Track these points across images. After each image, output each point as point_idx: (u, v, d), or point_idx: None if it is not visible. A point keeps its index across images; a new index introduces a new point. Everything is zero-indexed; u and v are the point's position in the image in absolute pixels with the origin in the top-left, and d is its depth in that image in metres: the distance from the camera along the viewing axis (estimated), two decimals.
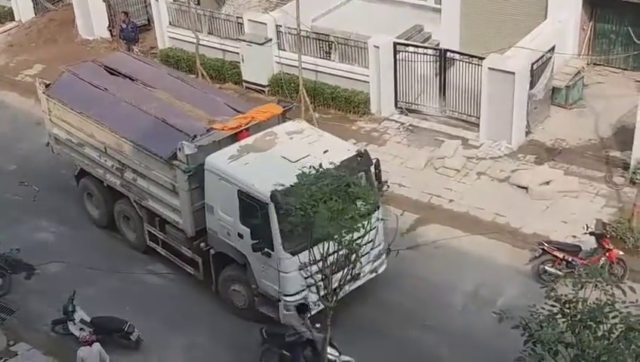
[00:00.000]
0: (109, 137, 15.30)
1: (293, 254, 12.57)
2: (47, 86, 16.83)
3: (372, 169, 13.74)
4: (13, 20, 26.96)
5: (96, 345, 12.58)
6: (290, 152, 13.40)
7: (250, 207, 12.98)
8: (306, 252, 12.03)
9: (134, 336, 13.50)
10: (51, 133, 17.04)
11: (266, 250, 12.90)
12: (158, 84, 16.10)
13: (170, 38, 23.29)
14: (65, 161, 17.51)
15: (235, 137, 14.12)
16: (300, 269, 12.47)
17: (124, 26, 22.99)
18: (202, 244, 14.17)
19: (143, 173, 14.84)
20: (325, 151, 13.35)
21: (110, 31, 24.53)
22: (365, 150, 14.07)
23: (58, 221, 17.10)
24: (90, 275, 15.31)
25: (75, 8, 24.96)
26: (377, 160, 14.14)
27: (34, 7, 27.02)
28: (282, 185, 12.22)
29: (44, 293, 15.01)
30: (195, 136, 13.93)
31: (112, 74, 16.52)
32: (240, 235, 13.33)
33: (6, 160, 19.49)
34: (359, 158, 13.48)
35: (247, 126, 14.33)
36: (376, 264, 13.61)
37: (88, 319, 13.66)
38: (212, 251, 14.15)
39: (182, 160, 13.74)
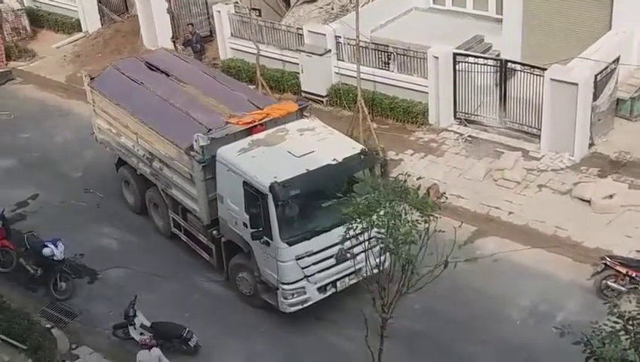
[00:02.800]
0: (140, 128, 16.23)
1: (290, 244, 13.33)
2: (92, 79, 17.97)
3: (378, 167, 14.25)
4: (81, 31, 27.73)
5: (156, 350, 12.80)
6: (297, 148, 14.10)
7: (252, 197, 13.61)
8: (305, 243, 13.25)
9: (193, 342, 13.70)
10: (95, 124, 18.21)
11: (264, 238, 13.50)
12: (190, 80, 16.99)
13: (231, 48, 23.65)
14: None
15: (250, 131, 14.88)
16: (297, 259, 13.34)
17: (191, 37, 23.52)
18: (215, 232, 14.95)
19: (167, 163, 15.71)
20: (330, 149, 14.00)
21: (174, 42, 25.03)
22: (369, 148, 14.74)
23: (121, 227, 17.49)
24: (151, 281, 15.61)
25: (140, 19, 25.57)
26: (384, 159, 15.03)
27: (100, 19, 27.73)
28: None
29: (106, 298, 15.35)
30: (210, 130, 14.73)
31: (151, 69, 17.58)
32: (245, 224, 13.91)
33: (72, 167, 20.04)
34: (362, 156, 14.09)
35: (260, 121, 15.05)
36: (379, 260, 13.81)
37: (148, 324, 13.91)
38: (223, 239, 14.89)
39: (197, 151, 14.50)
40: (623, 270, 13.75)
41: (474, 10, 22.62)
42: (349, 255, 12.93)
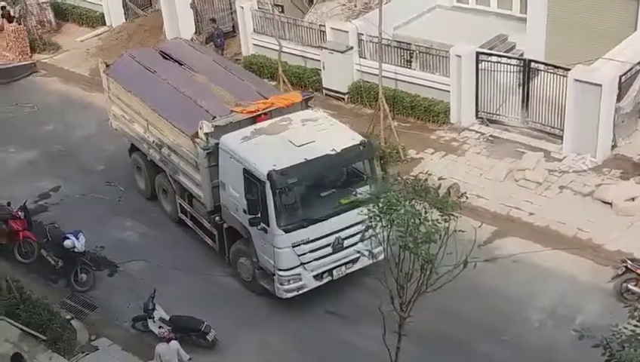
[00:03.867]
0: (150, 114, 16.61)
1: (286, 231, 13.59)
2: (107, 66, 18.41)
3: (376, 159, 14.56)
4: (105, 25, 27.93)
5: (175, 343, 12.88)
6: (298, 137, 14.31)
7: (251, 184, 13.87)
8: (301, 231, 13.56)
9: (210, 336, 13.77)
10: (110, 110, 18.62)
11: (262, 225, 13.75)
12: (202, 69, 17.40)
13: (254, 45, 23.70)
14: None
15: (255, 120, 15.16)
16: (294, 247, 13.62)
17: (213, 32, 23.63)
18: (217, 218, 15.24)
19: (175, 150, 16.05)
20: (330, 139, 14.20)
21: (197, 37, 25.12)
22: (369, 140, 14.83)
23: (141, 221, 17.61)
24: (170, 274, 15.71)
25: (164, 14, 25.68)
26: (384, 151, 15.63)
27: (124, 13, 27.93)
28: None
29: (126, 291, 15.46)
30: (215, 117, 15.03)
31: (165, 58, 17.99)
32: (245, 211, 14.09)
33: (94, 160, 20.21)
34: (361, 148, 14.24)
35: (264, 110, 15.31)
36: (376, 250, 13.84)
37: (167, 317, 14.00)
38: (225, 225, 15.17)
39: (202, 138, 14.80)
40: None
41: (498, 9, 22.50)
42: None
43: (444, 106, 19.66)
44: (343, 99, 21.33)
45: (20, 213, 16.30)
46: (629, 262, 13.88)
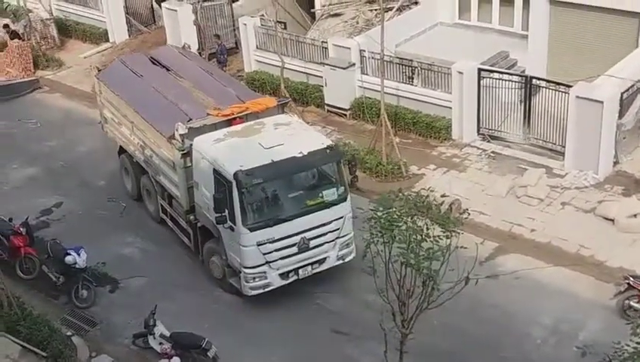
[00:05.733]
0: (135, 117, 17.18)
1: (251, 230, 14.05)
2: (99, 71, 19.23)
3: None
4: (108, 42, 28.06)
5: (176, 360, 12.84)
6: (268, 140, 14.81)
7: (220, 184, 14.34)
8: (267, 230, 14.06)
9: (211, 353, 13.69)
10: (102, 114, 19.32)
11: (229, 223, 14.20)
12: (187, 74, 18.01)
13: (256, 61, 23.78)
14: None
15: (231, 123, 15.78)
16: (259, 245, 14.08)
17: (217, 48, 23.78)
18: (192, 217, 15.76)
19: (156, 151, 16.62)
20: (299, 142, 14.69)
21: (200, 53, 25.23)
22: (336, 144, 15.50)
23: (143, 237, 17.58)
24: (171, 291, 15.66)
25: (167, 31, 25.80)
26: (353, 156, 16.60)
27: (127, 30, 28.03)
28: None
29: (127, 307, 15.41)
30: (191, 119, 15.67)
31: (154, 64, 18.60)
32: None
33: (96, 176, 20.22)
34: (328, 151, 14.70)
35: (239, 114, 15.93)
36: (343, 252, 14.98)
37: (168, 334, 13.93)
38: (199, 224, 15.68)
39: (177, 139, 15.40)
40: None
41: (499, 26, 22.60)
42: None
43: (445, 123, 19.69)
44: (345, 115, 21.37)
45: (21, 229, 16.28)
46: (632, 278, 13.82)
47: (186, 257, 16.69)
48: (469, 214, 15.89)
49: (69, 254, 15.35)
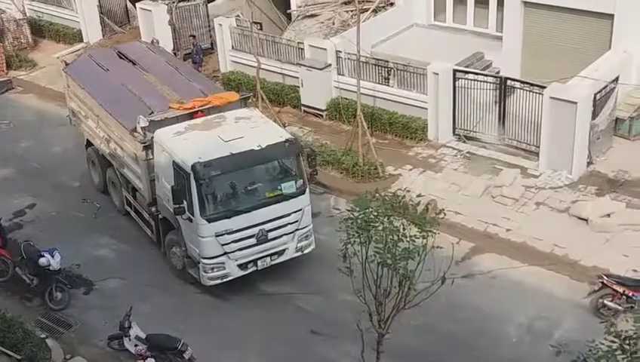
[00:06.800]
0: (100, 110, 17.31)
1: (209, 221, 14.25)
2: (67, 65, 19.33)
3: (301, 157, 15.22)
4: (82, 42, 27.82)
5: (152, 361, 12.73)
6: (227, 133, 14.98)
7: (179, 175, 14.51)
8: (225, 221, 14.25)
9: (187, 355, 13.60)
10: (70, 107, 19.52)
11: (187, 214, 14.39)
12: (153, 69, 18.11)
13: (232, 61, 23.71)
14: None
15: (192, 117, 15.89)
16: (217, 236, 14.28)
17: (192, 48, 23.68)
18: (153, 209, 15.93)
19: (119, 144, 16.73)
20: (258, 136, 14.87)
21: (175, 53, 25.09)
22: (295, 138, 15.55)
23: (118, 238, 17.44)
24: (147, 292, 15.57)
25: (142, 31, 25.65)
26: (313, 150, 16.65)
27: (102, 30, 27.84)
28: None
29: (102, 309, 15.28)
30: (152, 112, 15.78)
31: (121, 58, 18.77)
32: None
33: (70, 177, 20.03)
34: (287, 145, 14.87)
35: (200, 108, 16.05)
36: (302, 244, 15.27)
37: (143, 335, 13.84)
38: (160, 216, 15.86)
39: (139, 132, 15.53)
40: (620, 289, 13.72)
41: (474, 28, 22.73)
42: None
43: (421, 123, 19.76)
44: (322, 115, 21.38)
45: None
46: (605, 277, 13.96)
47: (161, 258, 16.57)
48: (445, 214, 15.97)
49: (43, 256, 15.18)
